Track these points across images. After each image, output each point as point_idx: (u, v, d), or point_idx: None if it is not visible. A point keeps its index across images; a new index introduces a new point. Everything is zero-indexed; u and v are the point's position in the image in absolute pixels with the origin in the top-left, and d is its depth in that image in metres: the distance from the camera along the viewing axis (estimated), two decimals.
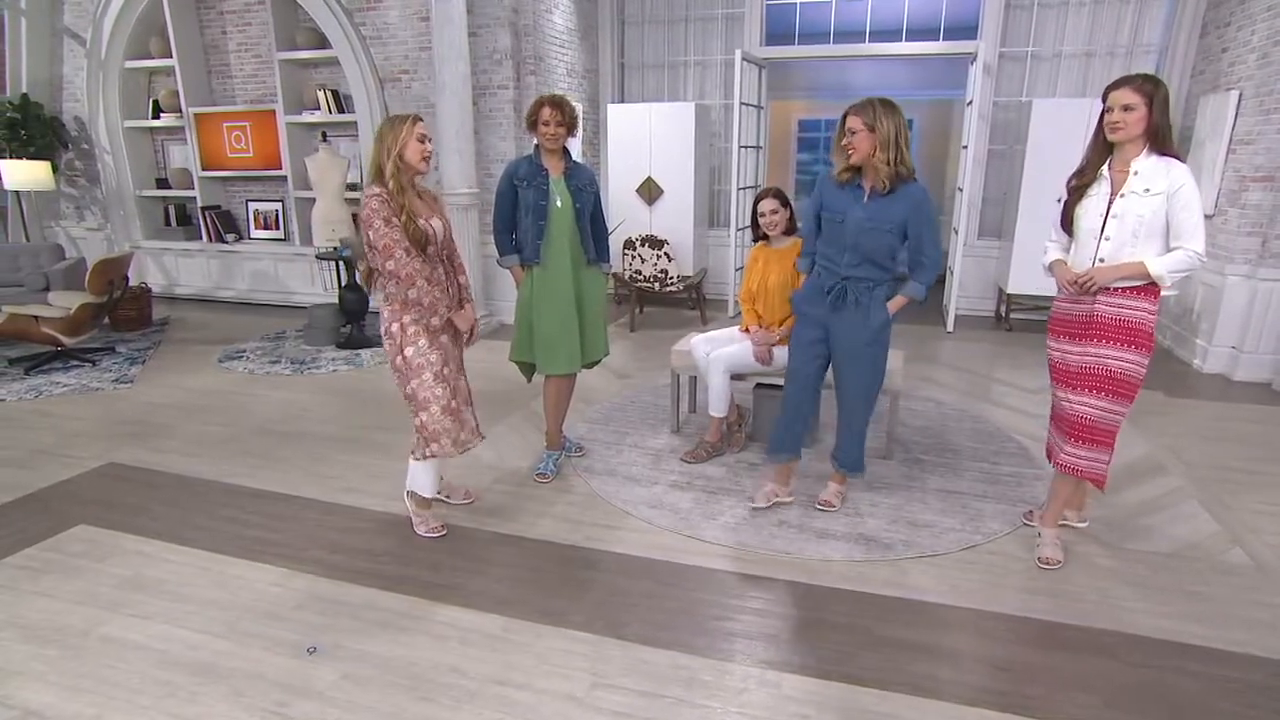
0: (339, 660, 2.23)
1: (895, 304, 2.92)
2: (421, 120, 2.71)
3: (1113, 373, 2.54)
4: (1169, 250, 2.46)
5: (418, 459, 2.84)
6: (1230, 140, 5.05)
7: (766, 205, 3.52)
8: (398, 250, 2.60)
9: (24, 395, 4.60)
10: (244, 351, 5.63)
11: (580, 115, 3.27)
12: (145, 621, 2.41)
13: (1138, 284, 2.48)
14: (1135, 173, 2.45)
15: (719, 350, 3.62)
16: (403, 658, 2.25)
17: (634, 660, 2.24)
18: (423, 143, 2.66)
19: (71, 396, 4.63)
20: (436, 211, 2.81)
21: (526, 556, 2.84)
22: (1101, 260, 2.53)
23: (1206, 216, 5.17)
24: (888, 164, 2.65)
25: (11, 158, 6.82)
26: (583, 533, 2.99)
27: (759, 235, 3.65)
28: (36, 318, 4.98)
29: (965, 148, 6.28)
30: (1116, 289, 2.51)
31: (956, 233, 6.50)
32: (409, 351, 2.72)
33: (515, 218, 3.22)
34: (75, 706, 2.04)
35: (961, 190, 6.31)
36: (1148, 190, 2.42)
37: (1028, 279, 6.06)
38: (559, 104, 3.08)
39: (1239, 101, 4.98)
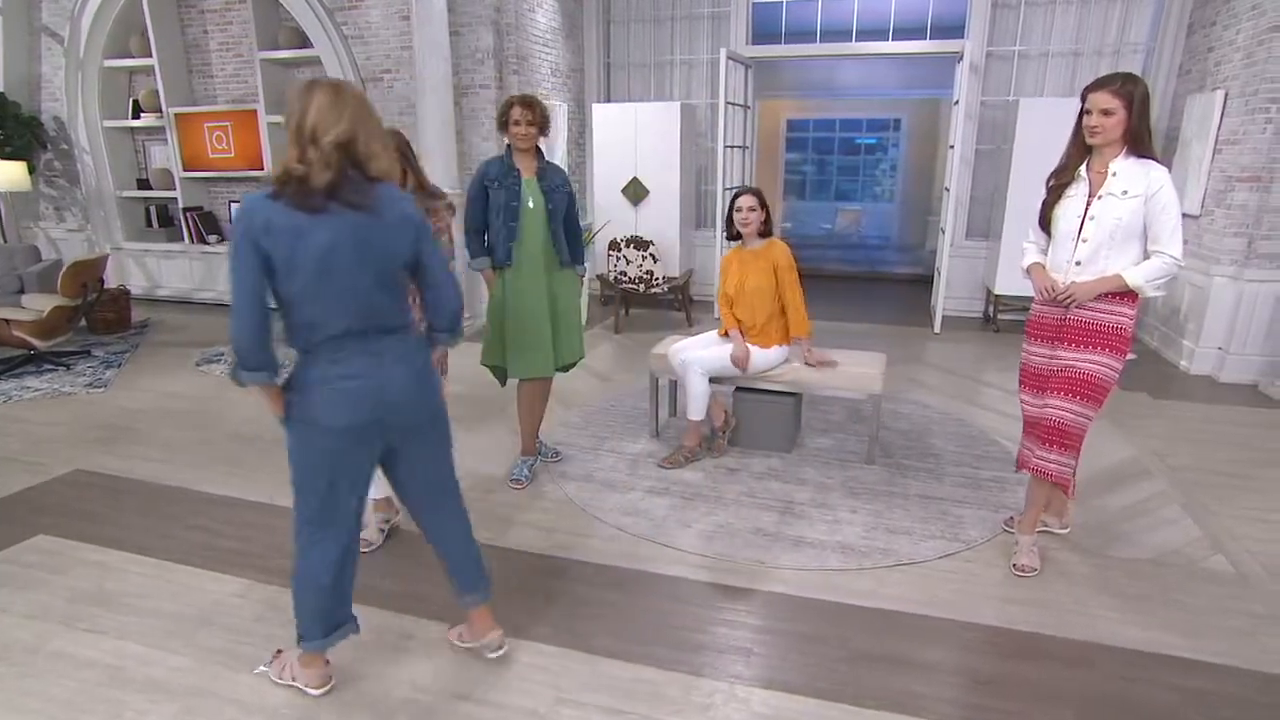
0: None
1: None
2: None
3: (1084, 375, 2.49)
4: (1146, 253, 2.42)
5: None
6: (1216, 140, 5.02)
7: (745, 202, 3.47)
8: None
9: None
10: (222, 354, 5.55)
11: (551, 114, 3.20)
12: (99, 636, 2.35)
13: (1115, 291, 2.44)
14: (1113, 174, 2.41)
15: (697, 353, 3.56)
16: (360, 672, 2.18)
17: (599, 675, 2.18)
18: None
19: (42, 401, 4.54)
20: None
21: (495, 565, 2.74)
22: (1078, 262, 2.48)
23: (1193, 217, 5.15)
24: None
25: None
26: (554, 540, 2.93)
27: (733, 234, 3.60)
28: (8, 321, 4.89)
29: (952, 147, 6.24)
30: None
31: (944, 233, 6.46)
32: None
33: (486, 219, 3.17)
34: None
35: (948, 190, 6.27)
36: (1125, 192, 2.38)
37: (1016, 280, 6.02)
38: (529, 103, 3.02)
39: (1225, 101, 4.95)
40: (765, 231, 3.53)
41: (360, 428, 1.87)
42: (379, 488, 2.88)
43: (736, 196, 3.50)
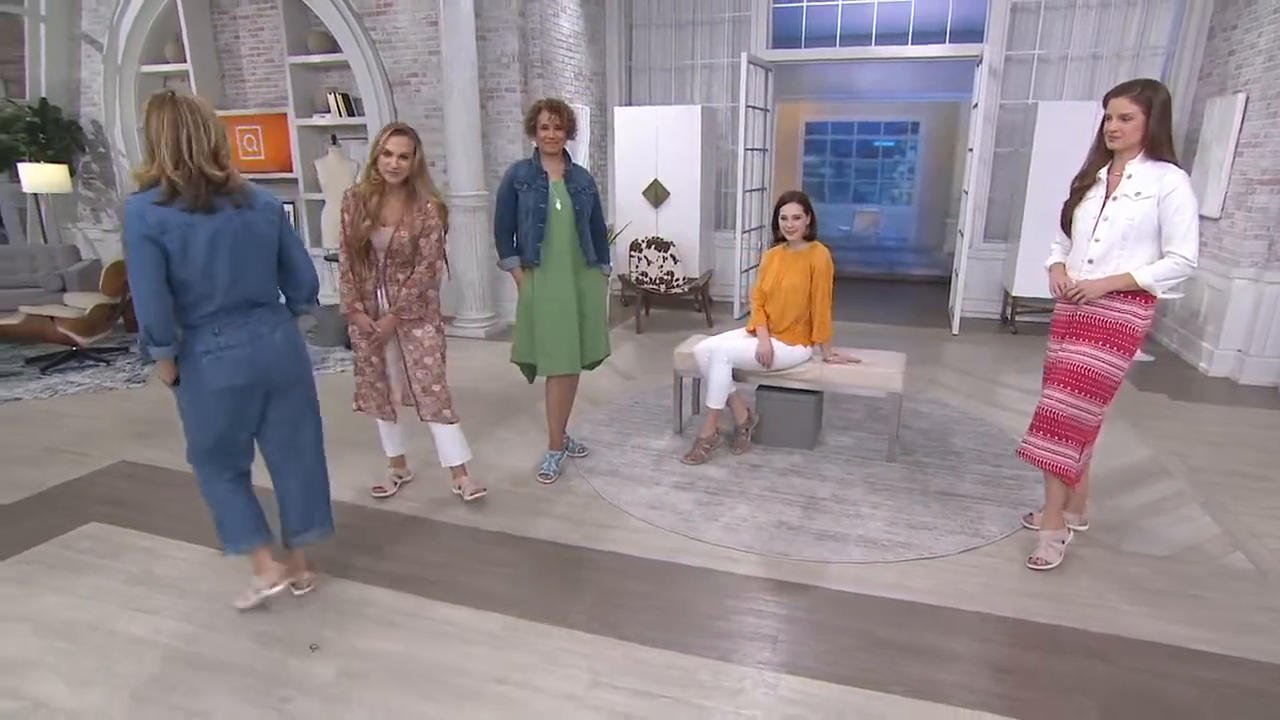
0: (339, 656, 2.27)
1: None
2: (403, 134, 2.81)
3: (1079, 368, 2.55)
4: (1160, 255, 2.48)
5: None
6: (1237, 143, 5.03)
7: (789, 210, 3.56)
8: (340, 239, 2.95)
9: (39, 394, 4.68)
10: None
11: (578, 118, 3.30)
12: (153, 617, 2.46)
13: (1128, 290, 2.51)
14: (1129, 176, 2.47)
15: (724, 344, 3.66)
16: (402, 655, 2.28)
17: (632, 660, 2.26)
18: (388, 156, 2.78)
19: (85, 395, 4.70)
20: (401, 223, 2.87)
21: (527, 556, 2.87)
22: (1090, 261, 2.55)
23: (1213, 220, 5.16)
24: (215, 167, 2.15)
25: (30, 161, 6.92)
26: (583, 533, 3.02)
27: (778, 238, 3.69)
28: (53, 318, 5.06)
29: (971, 150, 6.27)
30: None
31: (962, 235, 6.49)
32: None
33: (516, 220, 3.27)
34: (82, 699, 2.09)
35: (967, 193, 6.30)
36: (1139, 194, 2.44)
37: (1033, 281, 6.04)
38: (557, 108, 3.12)
39: (1246, 104, 4.96)
40: (810, 235, 3.62)
41: (243, 388, 2.29)
42: (393, 445, 3.31)
43: (782, 203, 3.59)
